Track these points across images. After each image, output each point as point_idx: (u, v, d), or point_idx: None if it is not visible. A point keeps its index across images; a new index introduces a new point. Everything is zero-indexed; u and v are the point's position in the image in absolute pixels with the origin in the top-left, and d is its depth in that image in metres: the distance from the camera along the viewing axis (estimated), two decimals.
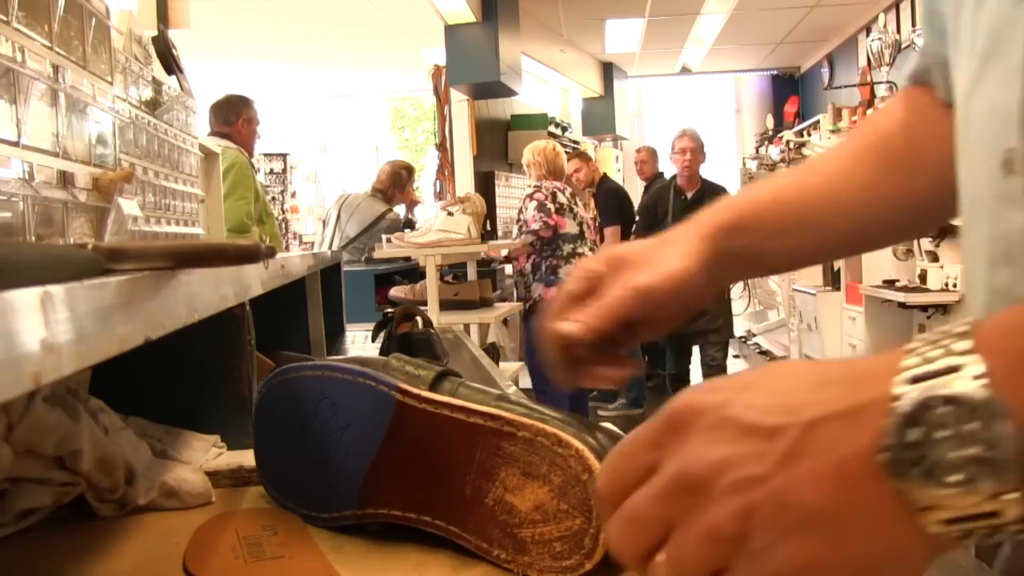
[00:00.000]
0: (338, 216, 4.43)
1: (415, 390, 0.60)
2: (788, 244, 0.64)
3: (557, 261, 4.07)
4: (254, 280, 0.80)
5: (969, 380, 0.30)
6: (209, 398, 0.87)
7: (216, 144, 3.51)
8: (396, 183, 4.55)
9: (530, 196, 4.14)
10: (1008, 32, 0.44)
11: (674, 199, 4.63)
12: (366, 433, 0.62)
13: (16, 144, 0.64)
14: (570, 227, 4.10)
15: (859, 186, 0.64)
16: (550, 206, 4.07)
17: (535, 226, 4.04)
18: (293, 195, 8.50)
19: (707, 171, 4.74)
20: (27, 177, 0.67)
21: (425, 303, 3.01)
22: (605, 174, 6.10)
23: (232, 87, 8.17)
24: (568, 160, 6.09)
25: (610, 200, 5.55)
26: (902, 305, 4.09)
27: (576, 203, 4.23)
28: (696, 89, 10.22)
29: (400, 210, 4.68)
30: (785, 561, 0.32)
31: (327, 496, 0.64)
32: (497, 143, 6.60)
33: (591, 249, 4.15)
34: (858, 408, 0.32)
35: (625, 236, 5.20)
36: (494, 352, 3.37)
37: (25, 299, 0.29)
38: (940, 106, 0.65)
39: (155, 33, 1.40)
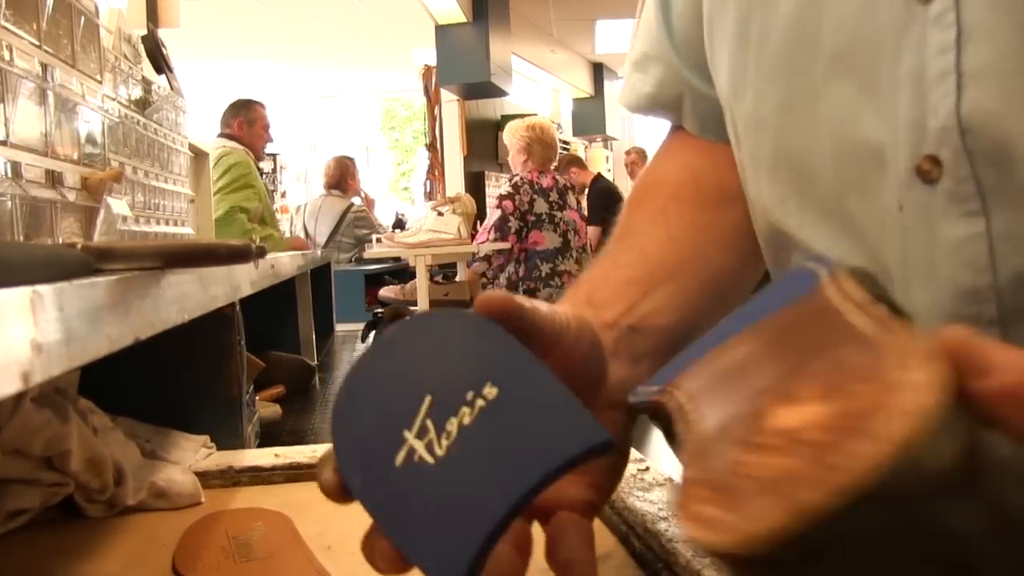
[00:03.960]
0: (305, 227, 4.60)
1: None
2: (684, 332, 0.53)
3: (535, 283, 3.54)
4: (244, 280, 0.80)
5: None
6: (199, 398, 0.87)
7: (223, 143, 3.58)
8: (345, 173, 4.83)
9: (500, 201, 3.55)
10: (884, 37, 0.41)
11: None
12: None
13: (4, 143, 0.64)
14: (549, 241, 3.54)
15: (692, 234, 0.59)
16: (513, 223, 3.48)
17: (485, 249, 3.48)
18: (283, 195, 8.48)
19: None
20: (15, 176, 0.66)
21: (415, 303, 3.01)
22: (599, 174, 6.12)
23: (222, 87, 8.13)
24: (567, 167, 6.12)
25: (599, 200, 5.55)
26: None
27: (567, 201, 3.68)
28: None
29: (356, 201, 4.89)
30: None
31: None
32: (487, 143, 6.60)
33: (577, 260, 3.61)
34: None
35: (607, 236, 5.15)
36: None
37: (14, 299, 0.29)
38: (699, 143, 0.63)
39: (145, 32, 1.40)
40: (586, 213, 5.32)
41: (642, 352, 0.51)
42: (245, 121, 3.72)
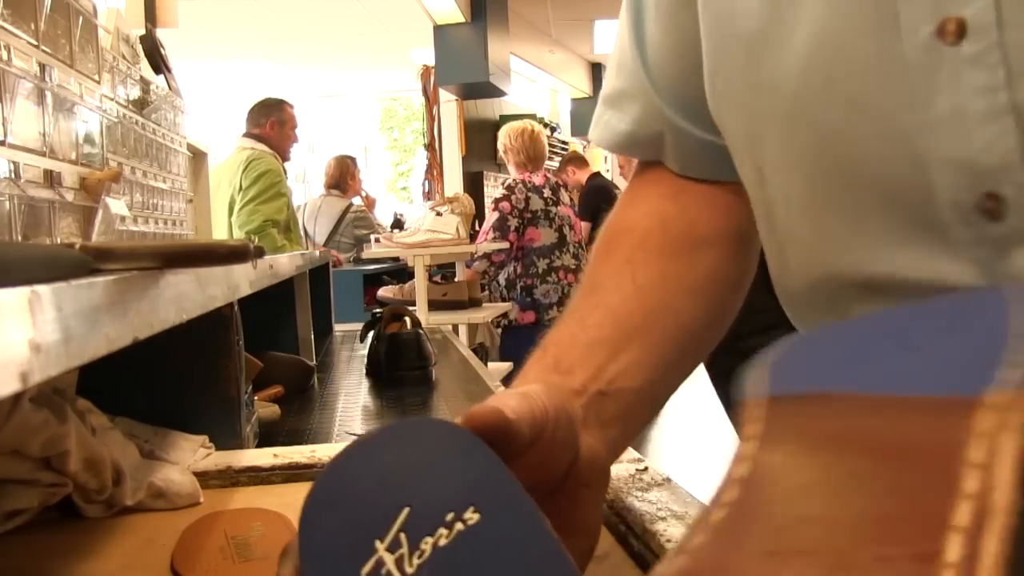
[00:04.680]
0: (304, 227, 4.59)
1: None
2: (654, 396, 0.55)
3: (532, 280, 3.62)
4: (242, 280, 0.79)
5: None
6: (197, 399, 0.87)
7: (251, 145, 3.51)
8: (345, 172, 4.81)
9: (496, 203, 3.63)
10: (911, 79, 0.39)
11: None
12: None
13: (2, 143, 0.64)
14: (545, 237, 3.63)
15: (659, 285, 0.58)
16: (512, 222, 3.56)
17: (485, 248, 3.52)
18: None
19: None
20: (13, 176, 0.66)
21: (414, 303, 3.01)
22: (596, 172, 6.15)
23: (221, 87, 8.11)
24: (566, 165, 6.14)
25: (590, 197, 5.60)
26: None
27: (560, 197, 3.75)
28: None
29: (356, 201, 4.89)
30: None
31: None
32: (486, 143, 6.60)
33: (574, 255, 3.69)
34: None
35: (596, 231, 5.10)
36: (482, 352, 3.37)
37: (12, 299, 0.29)
38: (671, 185, 0.62)
39: (143, 32, 1.39)
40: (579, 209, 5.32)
41: (610, 417, 0.51)
42: (277, 122, 3.63)
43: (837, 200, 0.45)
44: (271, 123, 3.61)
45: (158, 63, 1.33)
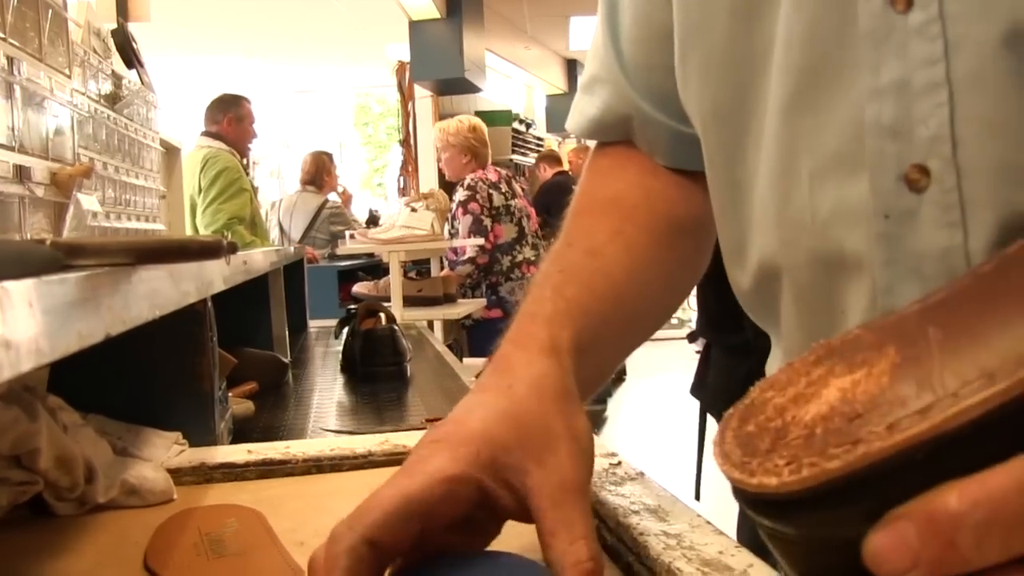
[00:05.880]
0: (280, 223, 4.57)
1: None
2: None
3: (496, 278, 3.63)
4: (216, 276, 0.79)
5: None
6: (170, 395, 0.86)
7: (208, 144, 3.46)
8: (321, 168, 4.79)
9: (463, 206, 3.58)
10: (862, 48, 0.40)
11: None
12: None
13: None
14: (507, 233, 3.62)
15: (646, 266, 0.60)
16: (487, 222, 3.56)
17: (471, 253, 3.55)
18: (256, 191, 8.41)
19: None
20: None
21: (388, 299, 3.01)
22: (563, 171, 6.17)
23: (195, 81, 8.04)
24: (539, 162, 6.15)
25: (544, 192, 5.64)
26: None
27: (514, 190, 3.75)
28: None
29: (332, 197, 4.88)
30: None
31: None
32: None
33: (533, 246, 3.68)
34: None
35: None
36: (458, 348, 3.37)
37: None
38: (649, 161, 0.63)
39: (115, 26, 1.38)
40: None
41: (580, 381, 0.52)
42: (234, 118, 3.61)
43: (800, 171, 0.46)
44: (228, 119, 3.58)
45: (130, 57, 1.32)
